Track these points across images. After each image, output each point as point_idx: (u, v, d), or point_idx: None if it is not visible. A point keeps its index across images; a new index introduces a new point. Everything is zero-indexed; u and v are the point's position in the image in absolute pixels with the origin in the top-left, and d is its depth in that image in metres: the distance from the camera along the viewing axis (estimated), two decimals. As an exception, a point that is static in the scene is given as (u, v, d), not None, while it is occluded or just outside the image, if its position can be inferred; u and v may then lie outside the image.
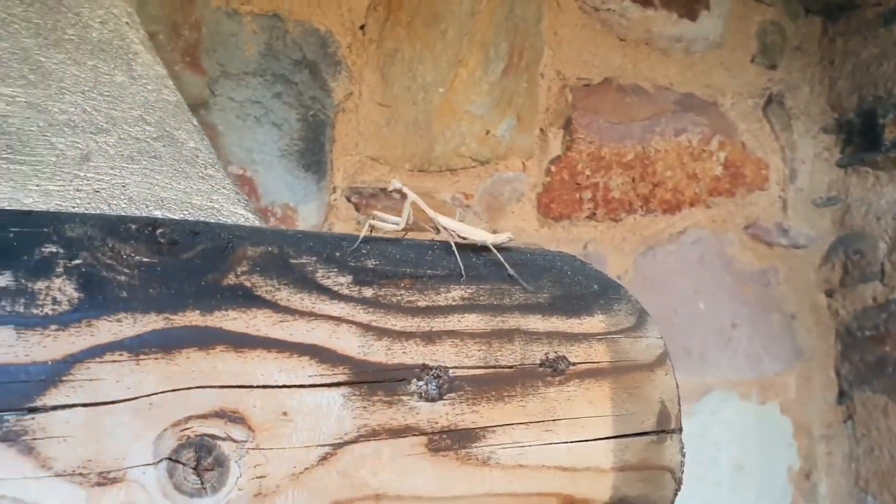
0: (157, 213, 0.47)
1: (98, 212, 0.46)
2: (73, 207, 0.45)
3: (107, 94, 0.56)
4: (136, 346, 0.31)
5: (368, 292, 0.37)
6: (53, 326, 0.30)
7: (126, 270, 0.32)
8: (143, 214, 0.46)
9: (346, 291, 0.36)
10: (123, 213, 0.45)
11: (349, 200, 1.06)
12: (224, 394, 0.32)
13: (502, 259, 0.41)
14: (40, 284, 0.31)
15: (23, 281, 0.30)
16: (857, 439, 1.35)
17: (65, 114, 0.53)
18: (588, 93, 1.21)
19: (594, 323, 0.41)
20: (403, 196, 0.44)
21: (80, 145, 0.50)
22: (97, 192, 0.47)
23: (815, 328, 1.39)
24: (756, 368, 1.34)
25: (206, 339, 0.33)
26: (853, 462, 1.36)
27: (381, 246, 0.41)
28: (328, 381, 0.34)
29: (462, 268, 0.40)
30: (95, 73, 0.57)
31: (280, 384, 0.33)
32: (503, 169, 1.15)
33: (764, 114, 1.34)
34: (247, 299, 0.34)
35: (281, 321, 0.34)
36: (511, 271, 0.41)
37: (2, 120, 0.50)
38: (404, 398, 0.36)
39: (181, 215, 0.47)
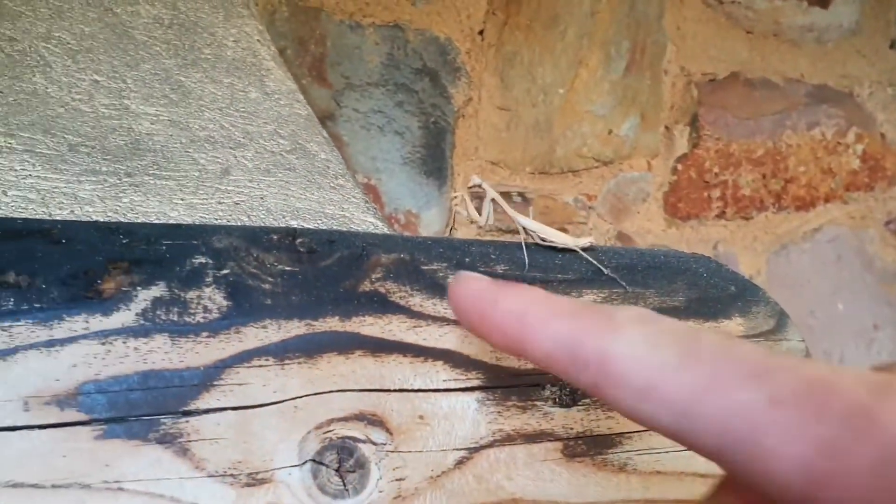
0: (293, 223, 0.49)
1: (239, 223, 0.48)
2: (216, 219, 0.47)
3: (242, 110, 0.59)
4: (281, 352, 0.32)
5: (500, 297, 0.37)
6: (205, 333, 0.32)
7: (270, 279, 0.34)
8: (281, 224, 0.48)
9: (477, 297, 0.37)
10: (263, 224, 0.47)
11: (471, 205, 1.07)
12: (363, 397, 0.33)
13: (594, 261, 0.40)
14: (192, 294, 0.32)
15: (176, 291, 0.32)
16: None
17: (205, 130, 0.55)
18: (714, 88, 1.17)
19: (732, 326, 0.40)
20: (484, 193, 0.43)
21: (220, 160, 0.52)
22: (237, 204, 0.49)
23: (968, 329, 1.30)
24: (902, 372, 1.26)
25: (346, 344, 0.34)
26: None
27: (509, 251, 0.41)
28: (462, 385, 0.35)
29: (526, 262, 0.39)
30: (231, 91, 0.60)
31: (416, 388, 0.34)
32: (627, 169, 1.13)
33: (906, 102, 1.27)
34: (382, 305, 0.35)
35: (415, 326, 0.35)
36: (609, 272, 0.40)
37: (148, 138, 0.53)
38: (538, 403, 0.36)
39: (315, 225, 0.49)
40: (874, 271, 1.23)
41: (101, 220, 0.45)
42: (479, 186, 0.42)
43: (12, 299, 0.31)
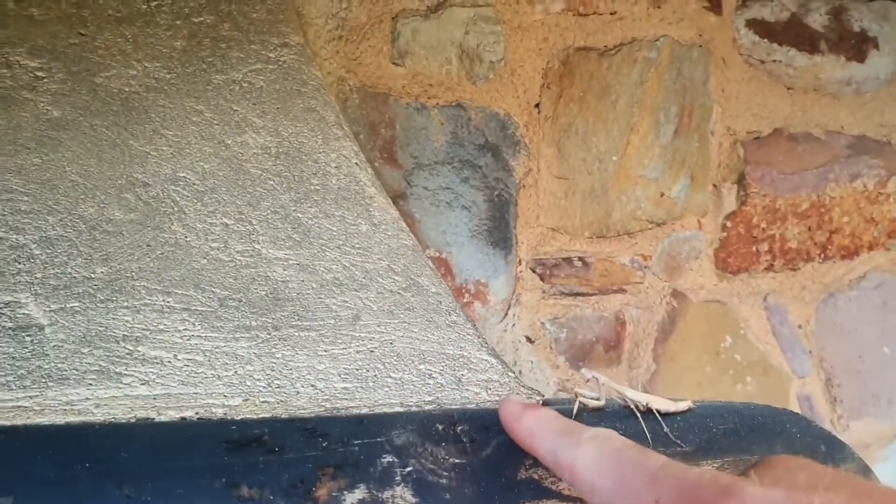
0: (421, 367, 0.55)
1: (375, 371, 0.55)
2: (356, 370, 0.54)
3: (357, 245, 0.65)
4: (461, 539, 0.40)
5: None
6: (403, 530, 0.39)
7: (445, 473, 0.41)
8: (410, 369, 0.55)
9: (610, 469, 0.43)
10: (396, 369, 0.54)
11: (534, 271, 1.13)
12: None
13: (664, 424, 0.47)
14: (387, 494, 0.40)
15: (374, 492, 0.39)
16: None
17: (330, 272, 0.62)
18: (759, 145, 1.23)
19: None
20: (597, 381, 0.51)
21: (349, 304, 0.59)
22: (371, 351, 0.56)
23: None
24: (948, 406, 1.32)
25: (510, 527, 0.41)
26: None
27: (632, 426, 0.48)
28: (607, 555, 0.42)
29: (648, 435, 0.46)
30: (344, 225, 0.67)
31: (570, 560, 0.41)
32: (679, 228, 1.19)
33: (944, 145, 1.32)
34: (538, 491, 0.42)
35: (565, 506, 0.42)
36: (672, 436, 0.47)
37: (283, 285, 0.60)
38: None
39: (440, 367, 0.56)
40: (918, 313, 1.29)
41: (262, 380, 0.52)
42: (594, 377, 0.50)
43: (248, 509, 0.38)
